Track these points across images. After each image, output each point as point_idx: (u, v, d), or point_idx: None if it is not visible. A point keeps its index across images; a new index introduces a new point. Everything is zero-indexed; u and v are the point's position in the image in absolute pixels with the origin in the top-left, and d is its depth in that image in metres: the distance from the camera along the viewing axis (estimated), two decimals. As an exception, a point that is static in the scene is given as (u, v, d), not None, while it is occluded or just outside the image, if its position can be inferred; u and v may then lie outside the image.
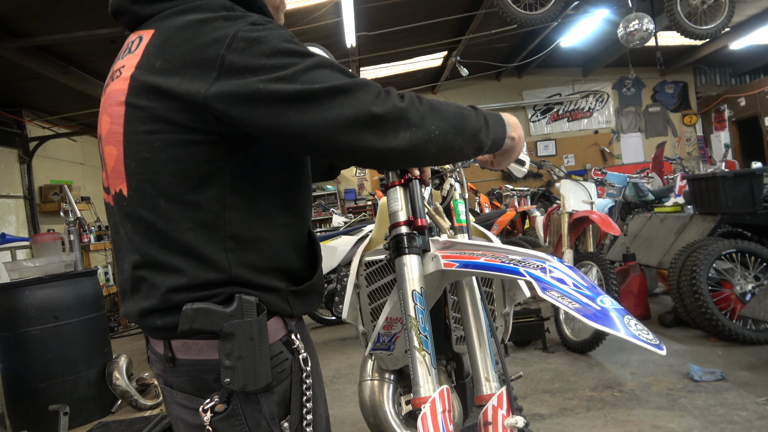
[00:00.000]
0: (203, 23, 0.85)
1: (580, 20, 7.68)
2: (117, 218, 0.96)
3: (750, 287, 3.71)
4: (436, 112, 0.90)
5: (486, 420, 1.09)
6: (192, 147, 0.86)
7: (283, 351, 0.95)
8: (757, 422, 2.46)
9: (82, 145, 7.95)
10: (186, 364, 0.92)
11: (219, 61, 0.82)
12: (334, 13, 5.96)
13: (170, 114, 0.85)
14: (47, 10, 4.37)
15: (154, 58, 0.87)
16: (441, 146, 0.90)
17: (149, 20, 0.94)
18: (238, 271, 0.90)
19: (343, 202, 11.53)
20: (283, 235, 0.96)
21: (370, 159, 0.88)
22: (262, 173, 0.92)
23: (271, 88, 0.80)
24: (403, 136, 0.85)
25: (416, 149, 0.87)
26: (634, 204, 6.29)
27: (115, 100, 0.91)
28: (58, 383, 3.13)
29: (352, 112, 0.82)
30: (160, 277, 0.89)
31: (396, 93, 0.87)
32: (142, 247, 0.90)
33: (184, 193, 0.88)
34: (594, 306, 0.93)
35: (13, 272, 3.35)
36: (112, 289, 6.86)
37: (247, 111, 0.81)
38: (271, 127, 0.82)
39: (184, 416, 0.95)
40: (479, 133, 0.98)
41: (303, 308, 0.99)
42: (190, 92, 0.82)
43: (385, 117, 0.84)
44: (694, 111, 11.83)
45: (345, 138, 0.83)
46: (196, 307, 0.85)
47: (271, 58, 0.82)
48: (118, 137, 0.91)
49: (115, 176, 0.93)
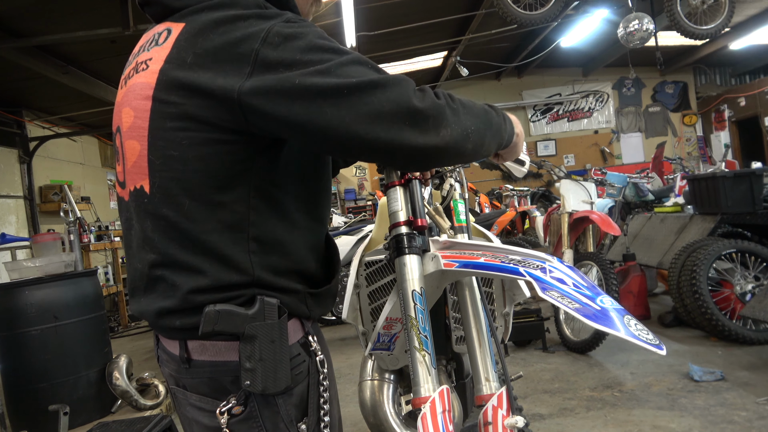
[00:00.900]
0: (237, 19, 0.84)
1: (580, 20, 7.69)
2: (132, 214, 0.94)
3: (750, 287, 3.71)
4: (467, 108, 0.90)
5: (486, 420, 1.09)
6: (220, 146, 0.84)
7: (301, 353, 0.94)
8: (757, 422, 2.46)
9: (82, 145, 7.95)
10: (203, 365, 0.91)
11: (253, 56, 0.80)
12: (334, 13, 5.96)
13: (200, 111, 0.83)
14: (47, 10, 4.37)
15: (185, 52, 0.85)
16: (476, 142, 0.90)
17: (179, 12, 0.91)
18: (261, 273, 0.89)
19: (343, 202, 11.52)
20: (303, 239, 0.95)
21: (410, 157, 0.85)
22: (288, 176, 0.91)
23: (307, 82, 0.78)
24: (444, 133, 0.83)
25: (457, 146, 0.86)
26: (634, 204, 6.29)
27: (140, 93, 0.89)
28: (58, 383, 3.13)
29: (392, 106, 0.80)
30: (181, 277, 0.87)
31: (431, 90, 0.85)
32: (163, 245, 0.89)
33: (210, 193, 0.86)
34: (594, 306, 0.93)
35: (13, 272, 3.34)
36: (112, 289, 6.86)
37: (283, 106, 0.79)
38: (307, 123, 0.80)
39: (200, 418, 0.94)
40: (501, 128, 1.00)
41: (320, 310, 0.99)
42: (224, 88, 0.80)
43: (426, 113, 0.81)
44: (694, 111, 11.83)
45: (384, 134, 0.80)
46: (219, 309, 0.84)
47: (306, 53, 0.80)
48: (142, 132, 0.88)
49: (136, 171, 0.91)
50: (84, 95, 6.10)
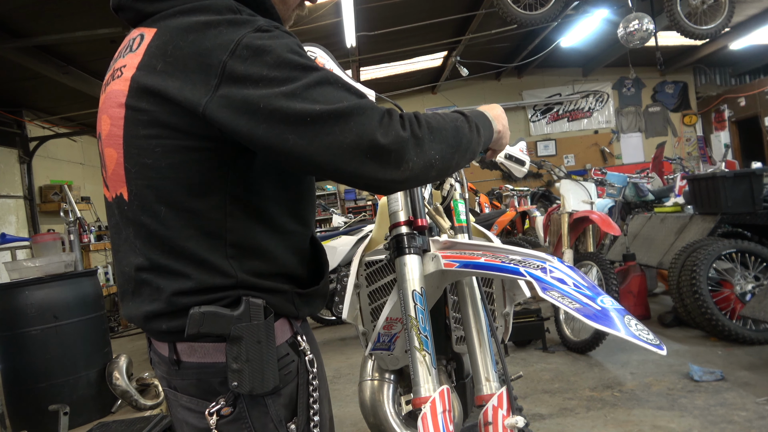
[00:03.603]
0: (208, 26, 0.83)
1: (580, 20, 7.68)
2: (118, 219, 0.95)
3: (750, 287, 3.71)
4: (435, 133, 0.87)
5: (486, 420, 1.09)
6: (193, 154, 0.84)
7: (290, 353, 0.94)
8: (757, 422, 2.46)
9: (82, 145, 7.95)
10: (191, 366, 0.91)
11: (221, 68, 0.79)
12: (334, 13, 5.96)
13: (171, 119, 0.83)
14: (47, 10, 4.37)
15: (156, 59, 0.84)
16: (441, 168, 0.88)
17: (151, 18, 0.91)
18: (244, 276, 0.89)
19: (343, 202, 11.52)
20: (286, 243, 0.95)
21: (372, 187, 0.85)
22: (266, 181, 0.90)
23: (271, 105, 0.78)
24: (405, 167, 0.82)
25: (418, 178, 0.85)
26: (634, 204, 6.29)
27: (115, 101, 0.89)
28: (58, 383, 3.12)
29: (354, 139, 0.78)
30: (165, 280, 0.88)
31: (398, 117, 0.83)
32: (146, 251, 0.89)
33: (186, 201, 0.86)
34: (594, 306, 0.93)
35: (13, 272, 3.34)
36: (112, 289, 6.85)
37: (246, 126, 0.79)
38: (270, 146, 0.80)
39: (190, 419, 0.94)
40: (472, 143, 0.96)
41: (308, 310, 0.99)
42: (190, 101, 0.80)
43: (388, 148, 0.80)
44: (694, 111, 11.83)
45: (344, 166, 0.80)
46: (204, 310, 0.84)
47: (273, 69, 0.79)
48: (118, 140, 0.89)
49: (115, 179, 0.92)
50: (84, 95, 6.10)
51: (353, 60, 7.73)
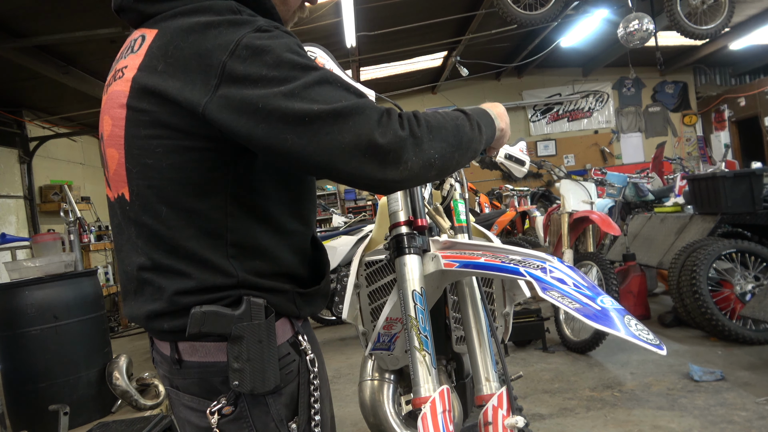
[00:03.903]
0: (208, 27, 0.83)
1: (580, 20, 7.68)
2: (120, 219, 0.95)
3: (750, 287, 3.71)
4: (434, 132, 0.86)
5: (486, 420, 1.09)
6: (194, 154, 0.85)
7: (291, 352, 0.94)
8: (757, 422, 2.46)
9: (82, 145, 7.95)
10: (193, 366, 0.91)
11: (220, 68, 0.79)
12: (334, 13, 5.96)
13: (172, 119, 0.83)
14: (47, 10, 4.37)
15: (157, 60, 0.85)
16: (441, 167, 0.87)
17: (152, 19, 0.91)
18: (245, 275, 0.89)
19: (343, 202, 11.52)
20: (287, 243, 0.95)
21: (369, 186, 0.85)
22: (267, 181, 0.91)
23: (270, 105, 0.78)
24: (404, 167, 0.81)
25: (418, 177, 0.85)
26: (634, 204, 6.29)
27: (116, 101, 0.90)
28: (58, 383, 3.13)
29: (352, 139, 0.78)
30: (167, 280, 0.88)
31: (396, 116, 0.83)
32: (147, 250, 0.90)
33: (186, 201, 0.86)
34: (594, 306, 0.93)
35: (13, 272, 3.34)
36: (112, 289, 6.86)
37: (246, 126, 0.79)
38: (269, 146, 0.80)
39: (191, 418, 0.95)
40: (473, 142, 0.96)
41: (310, 309, 0.99)
42: (190, 101, 0.80)
43: (386, 148, 0.79)
44: (694, 111, 11.83)
45: (343, 165, 0.80)
46: (205, 310, 0.85)
47: (272, 69, 0.79)
48: (119, 140, 0.89)
49: (117, 179, 0.92)
50: (84, 95, 6.10)
51: (353, 60, 7.73)
